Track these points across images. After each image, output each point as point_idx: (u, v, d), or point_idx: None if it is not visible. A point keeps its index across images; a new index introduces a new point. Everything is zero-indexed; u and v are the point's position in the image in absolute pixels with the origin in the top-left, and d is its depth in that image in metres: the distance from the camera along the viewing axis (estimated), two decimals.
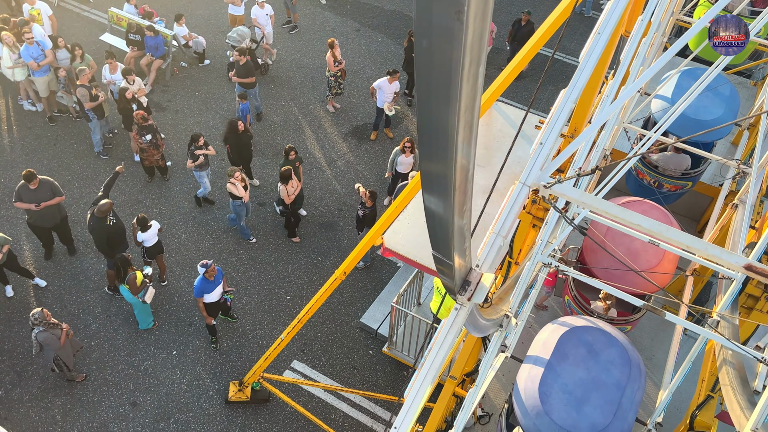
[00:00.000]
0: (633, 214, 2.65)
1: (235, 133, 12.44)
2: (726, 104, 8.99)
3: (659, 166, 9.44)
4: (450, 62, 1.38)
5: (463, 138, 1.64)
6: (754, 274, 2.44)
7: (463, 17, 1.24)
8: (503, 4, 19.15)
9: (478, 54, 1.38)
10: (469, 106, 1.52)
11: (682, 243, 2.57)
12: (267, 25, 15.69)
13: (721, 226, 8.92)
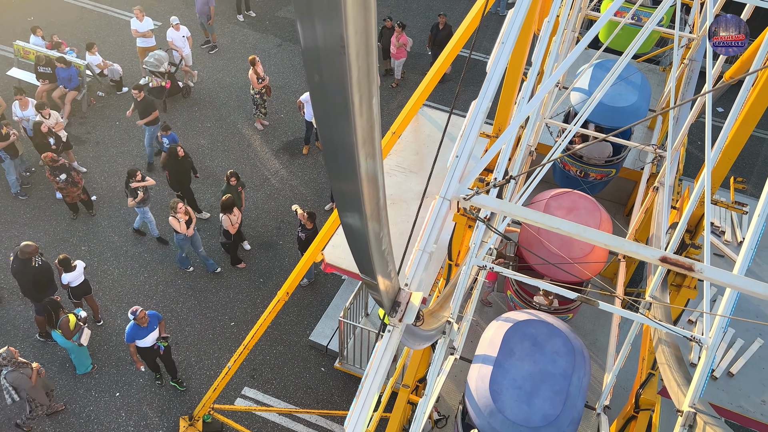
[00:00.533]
0: (551, 218, 2.70)
1: (175, 159, 12.10)
2: (639, 91, 9.37)
3: (583, 156, 9.74)
4: (347, 96, 1.35)
5: (368, 185, 1.63)
6: (669, 265, 2.52)
7: (344, 51, 1.21)
8: (421, 10, 19.42)
9: (365, 87, 1.36)
10: (368, 138, 1.49)
11: (600, 242, 2.64)
12: (185, 47, 15.33)
13: (645, 208, 9.30)
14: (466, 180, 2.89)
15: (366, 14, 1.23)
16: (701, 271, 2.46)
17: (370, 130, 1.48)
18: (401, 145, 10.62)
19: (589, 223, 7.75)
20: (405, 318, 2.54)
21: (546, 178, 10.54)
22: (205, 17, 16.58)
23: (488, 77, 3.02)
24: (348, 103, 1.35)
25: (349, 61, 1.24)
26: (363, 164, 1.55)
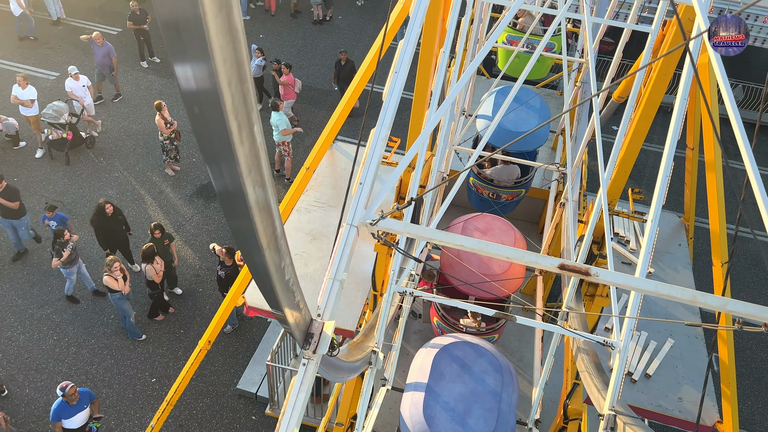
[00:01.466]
0: (454, 237, 2.78)
1: (103, 217, 11.51)
2: (539, 114, 9.84)
3: (494, 179, 10.08)
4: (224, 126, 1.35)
5: (260, 215, 1.62)
6: (567, 272, 2.65)
7: (215, 80, 1.21)
8: (328, 49, 19.76)
9: (243, 116, 1.36)
10: (253, 166, 1.49)
11: (502, 255, 2.74)
12: (86, 97, 14.79)
13: (554, 224, 9.72)
14: (372, 206, 2.93)
15: (234, 44, 1.24)
16: (597, 274, 2.60)
17: (254, 159, 1.48)
18: (318, 180, 10.62)
19: (505, 242, 8.01)
20: (319, 349, 2.51)
21: (463, 203, 10.87)
22: (107, 69, 16.03)
23: (384, 106, 3.10)
24: (227, 132, 1.34)
25: (221, 90, 1.24)
26: (252, 193, 1.54)
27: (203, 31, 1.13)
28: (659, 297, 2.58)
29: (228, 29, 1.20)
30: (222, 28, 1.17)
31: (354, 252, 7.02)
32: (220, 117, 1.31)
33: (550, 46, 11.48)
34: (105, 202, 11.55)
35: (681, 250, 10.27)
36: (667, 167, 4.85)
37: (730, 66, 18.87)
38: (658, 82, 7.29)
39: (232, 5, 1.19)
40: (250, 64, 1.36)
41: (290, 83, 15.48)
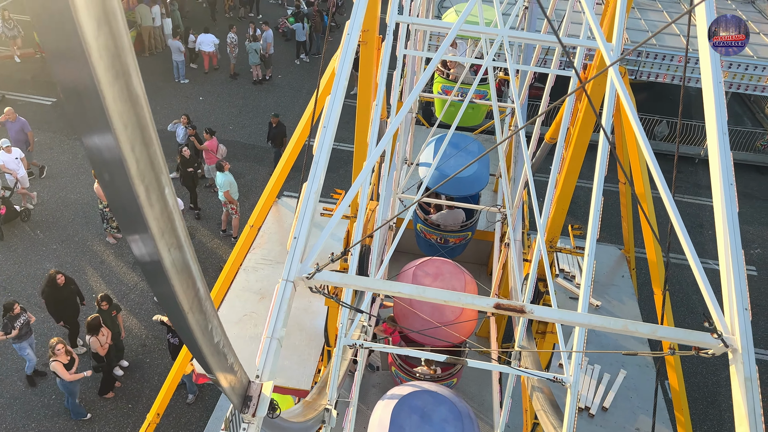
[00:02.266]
0: (392, 284, 2.79)
1: (54, 288, 11.04)
2: (478, 160, 10.12)
3: (440, 224, 10.23)
4: (131, 191, 1.34)
5: (179, 277, 1.60)
6: (503, 311, 2.69)
7: (117, 146, 1.21)
8: (269, 107, 19.94)
9: (151, 179, 1.36)
10: (166, 228, 1.48)
11: (438, 299, 2.76)
12: (19, 170, 14.36)
13: (501, 264, 9.88)
14: (308, 259, 2.92)
15: (135, 109, 1.24)
16: (531, 311, 2.64)
17: (167, 221, 1.47)
18: (264, 237, 10.53)
19: (455, 285, 8.08)
20: (258, 411, 2.43)
21: (413, 250, 10.95)
22: (23, 145, 15.18)
23: (315, 160, 3.14)
24: (134, 196, 1.33)
25: (124, 155, 1.24)
26: (167, 256, 1.52)
27: (99, 98, 1.13)
28: (595, 329, 2.64)
29: (127, 96, 1.20)
30: (120, 95, 1.18)
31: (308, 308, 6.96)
32: (126, 182, 1.31)
33: (483, 94, 11.92)
34: (56, 272, 11.15)
35: (625, 281, 10.58)
36: (597, 203, 5.03)
37: (654, 102, 19.99)
38: (585, 123, 7.66)
39: (130, 73, 1.21)
40: (154, 127, 1.36)
41: (212, 149, 15.39)
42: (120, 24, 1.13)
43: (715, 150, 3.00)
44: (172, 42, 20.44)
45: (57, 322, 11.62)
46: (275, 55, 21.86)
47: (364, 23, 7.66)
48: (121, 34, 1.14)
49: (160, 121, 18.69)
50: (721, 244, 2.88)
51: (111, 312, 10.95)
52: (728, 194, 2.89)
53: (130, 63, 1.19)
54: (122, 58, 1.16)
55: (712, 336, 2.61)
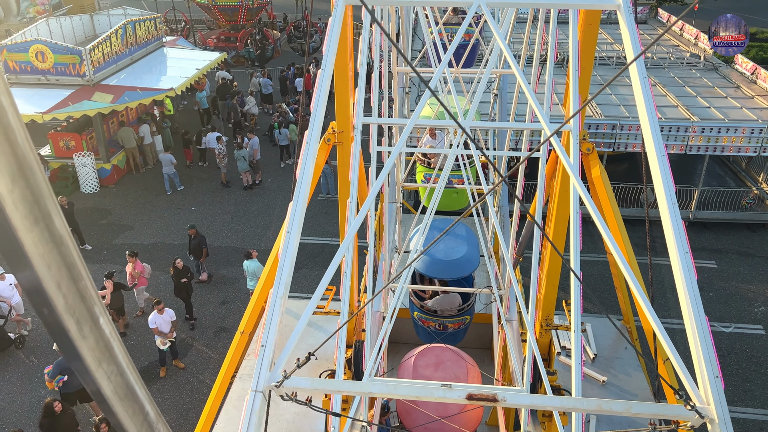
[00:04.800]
0: (360, 384, 2.78)
1: (52, 417, 10.76)
2: (466, 242, 10.22)
3: (437, 310, 10.17)
4: (61, 325, 1.39)
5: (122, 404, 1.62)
6: (477, 401, 2.66)
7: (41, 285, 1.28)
8: (261, 211, 20.30)
9: (82, 312, 1.41)
10: (104, 357, 1.51)
11: (410, 395, 2.74)
12: (13, 296, 14.38)
13: (501, 346, 9.74)
14: (277, 367, 2.91)
15: (60, 249, 1.32)
16: (504, 399, 2.62)
17: (103, 350, 1.51)
18: (258, 343, 10.40)
19: (458, 373, 7.92)
20: None
21: (413, 340, 10.80)
22: None
23: (279, 265, 3.21)
24: (64, 331, 1.38)
25: (49, 294, 1.30)
26: (107, 384, 1.55)
27: (18, 245, 1.21)
28: (569, 411, 2.61)
29: (48, 238, 1.28)
30: (41, 239, 1.26)
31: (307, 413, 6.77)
32: (57, 317, 1.36)
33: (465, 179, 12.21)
34: (52, 400, 10.89)
35: (628, 353, 10.39)
36: (576, 279, 5.06)
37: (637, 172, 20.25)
38: (561, 199, 7.83)
39: (51, 216, 1.29)
40: (83, 262, 1.43)
41: (139, 270, 15.11)
42: (37, 173, 1.23)
43: (668, 220, 3.08)
44: (164, 156, 21.12)
45: None
46: (264, 160, 22.51)
47: (338, 125, 8.01)
48: (38, 182, 1.23)
49: (153, 234, 18.95)
50: (685, 314, 2.90)
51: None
52: (685, 263, 2.94)
53: (51, 207, 1.28)
54: (41, 204, 1.25)
55: (686, 408, 2.58)
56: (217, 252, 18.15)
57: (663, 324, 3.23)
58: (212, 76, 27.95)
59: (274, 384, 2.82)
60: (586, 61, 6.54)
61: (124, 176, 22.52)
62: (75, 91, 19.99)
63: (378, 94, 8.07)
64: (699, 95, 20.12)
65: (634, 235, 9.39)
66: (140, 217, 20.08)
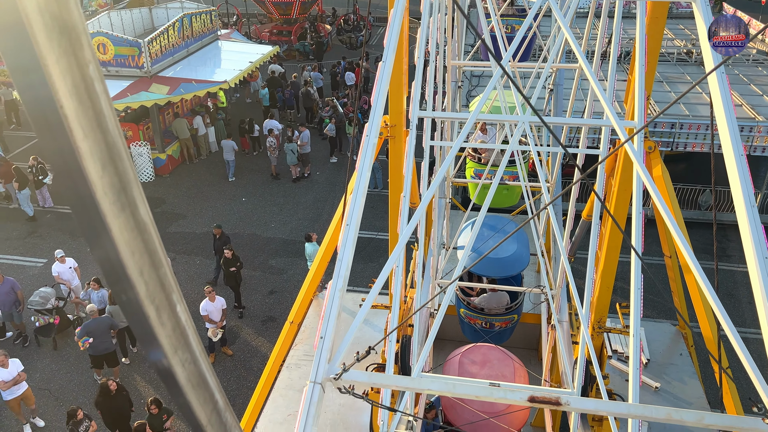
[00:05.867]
0: (416, 380, 2.74)
1: (108, 396, 11.21)
2: (516, 240, 10.06)
3: (484, 308, 10.07)
4: (141, 312, 1.40)
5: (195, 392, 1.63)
6: (538, 404, 2.59)
7: (125, 272, 1.29)
8: (309, 203, 20.51)
9: (162, 299, 1.42)
10: (179, 345, 1.52)
11: (468, 394, 2.69)
12: (73, 279, 14.95)
13: (550, 348, 9.55)
14: (335, 359, 2.91)
15: (143, 236, 1.33)
16: (568, 403, 2.54)
17: (180, 338, 1.51)
18: (306, 333, 10.52)
19: (504, 373, 7.82)
20: None
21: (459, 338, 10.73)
22: (12, 306, 14.24)
23: (339, 258, 3.20)
24: (144, 318, 1.39)
25: (132, 280, 1.31)
26: (181, 372, 1.55)
27: (106, 230, 1.22)
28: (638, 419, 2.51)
29: (134, 225, 1.29)
30: (126, 225, 1.26)
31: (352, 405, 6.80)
32: (138, 304, 1.37)
33: (516, 175, 12.03)
34: (107, 380, 11.31)
35: (684, 359, 10.04)
36: (637, 280, 4.90)
37: (696, 172, 19.55)
38: (619, 198, 7.60)
39: (137, 204, 1.30)
40: (163, 250, 1.44)
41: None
42: (125, 161, 1.23)
43: (746, 223, 2.93)
44: (226, 142, 21.65)
45: (111, 430, 11.66)
46: (313, 153, 22.70)
47: (390, 119, 7.98)
48: (126, 170, 1.24)
49: (205, 223, 19.38)
50: (764, 324, 2.75)
51: (161, 416, 10.94)
52: (764, 267, 2.79)
53: (137, 195, 1.28)
54: (128, 191, 1.25)
55: (765, 421, 2.44)
56: (265, 243, 18.44)
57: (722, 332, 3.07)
58: (265, 69, 28.33)
59: (333, 376, 2.82)
60: (652, 55, 6.30)
61: (178, 166, 23.10)
62: (133, 83, 20.59)
63: (432, 87, 8.00)
64: (765, 94, 19.24)
65: (692, 238, 9.06)
66: (193, 206, 20.57)
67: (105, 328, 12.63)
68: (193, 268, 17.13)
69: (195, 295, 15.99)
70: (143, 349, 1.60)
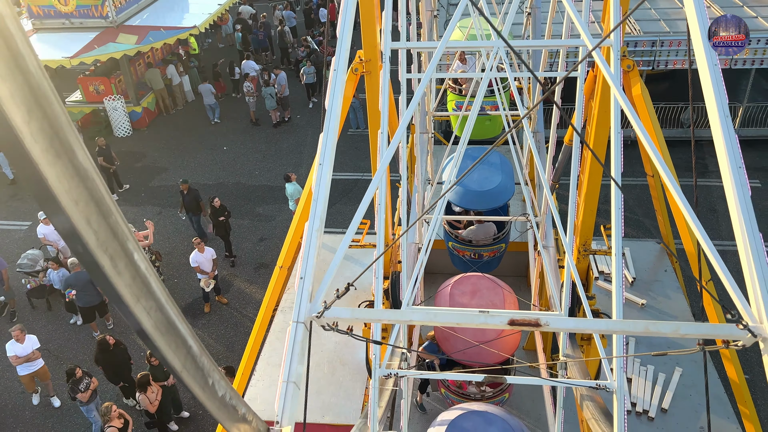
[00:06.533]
0: (397, 313, 2.77)
1: (107, 352, 11.34)
2: (501, 171, 10.03)
3: (472, 239, 10.14)
4: (94, 262, 1.37)
5: (163, 338, 1.62)
6: (518, 326, 2.63)
7: (70, 223, 1.24)
8: (291, 148, 20.27)
9: (115, 248, 1.38)
10: (142, 293, 1.50)
11: (449, 322, 2.72)
12: (60, 240, 14.86)
13: (538, 273, 9.71)
14: (317, 299, 2.92)
15: (85, 183, 1.27)
16: (547, 323, 2.58)
17: (140, 286, 1.49)
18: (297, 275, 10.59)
19: (494, 300, 7.95)
20: None
21: (449, 270, 10.86)
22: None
23: (314, 197, 3.16)
24: (98, 268, 1.36)
25: (79, 230, 1.27)
26: (147, 320, 1.54)
27: (42, 180, 1.16)
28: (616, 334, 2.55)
29: (73, 172, 1.23)
30: (64, 173, 1.21)
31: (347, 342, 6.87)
32: (90, 254, 1.33)
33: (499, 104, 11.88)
34: (104, 336, 11.42)
35: (668, 276, 10.25)
36: (617, 200, 4.91)
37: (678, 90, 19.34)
38: (600, 120, 7.53)
39: (74, 149, 1.24)
40: (111, 198, 1.39)
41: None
42: (54, 105, 1.17)
43: (719, 134, 2.90)
44: (203, 86, 21.18)
45: (117, 385, 11.86)
46: (292, 96, 22.26)
47: (365, 53, 7.76)
48: (56, 114, 1.17)
49: (188, 175, 19.17)
50: (738, 232, 2.77)
51: (162, 367, 11.14)
52: (738, 178, 2.78)
53: (72, 140, 1.22)
54: (61, 137, 1.19)
55: (739, 327, 2.50)
56: (251, 191, 18.33)
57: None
58: (234, 11, 27.37)
59: (314, 315, 2.83)
60: None
61: (156, 118, 22.63)
62: (99, 34, 19.86)
63: (406, 18, 7.75)
64: (746, 4, 18.90)
65: (675, 156, 9.07)
66: (174, 158, 20.29)
67: (85, 280, 12.67)
68: (180, 221, 17.06)
69: (184, 247, 16.00)
70: (109, 300, 1.57)
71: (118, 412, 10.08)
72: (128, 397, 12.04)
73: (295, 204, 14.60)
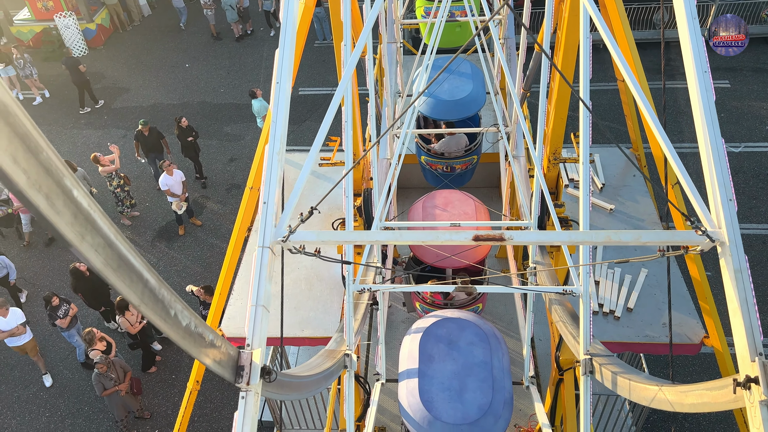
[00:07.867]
0: (362, 234, 2.76)
1: (82, 279, 11.32)
2: (472, 80, 9.84)
3: (444, 152, 10.09)
4: (30, 203, 1.30)
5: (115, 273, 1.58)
6: (483, 242, 2.65)
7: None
8: (256, 63, 19.55)
9: (50, 186, 1.31)
10: (85, 230, 1.44)
11: (416, 240, 2.72)
12: None
13: (509, 183, 9.77)
14: (281, 222, 2.89)
15: (7, 119, 1.18)
16: (511, 237, 2.60)
17: (85, 223, 1.43)
18: None
19: (466, 211, 8.04)
20: (251, 380, 2.47)
21: (423, 185, 10.86)
22: None
23: (273, 118, 3.05)
24: (35, 209, 1.29)
25: (5, 171, 1.19)
26: (95, 258, 1.49)
27: None
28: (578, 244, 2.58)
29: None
30: None
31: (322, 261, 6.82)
32: (23, 195, 1.26)
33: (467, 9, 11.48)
34: (76, 264, 11.36)
35: (637, 180, 10.40)
36: (585, 117, 4.86)
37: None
38: (570, 25, 7.33)
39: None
40: (40, 133, 1.30)
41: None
42: None
43: (686, 36, 2.82)
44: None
45: (98, 310, 11.94)
46: (253, 7, 21.26)
47: None
48: None
49: (151, 95, 18.51)
50: (700, 136, 2.76)
51: None
52: (703, 82, 2.74)
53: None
54: None
55: (697, 233, 2.55)
56: (217, 110, 17.84)
57: (675, 148, 3.10)
58: None
59: (280, 239, 2.81)
60: None
61: (111, 36, 21.53)
62: None
63: None
64: None
65: (646, 59, 8.96)
66: (135, 78, 19.50)
67: None
68: None
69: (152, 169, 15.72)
70: (54, 238, 1.51)
71: (100, 335, 10.23)
72: (109, 320, 12.18)
73: (263, 121, 14.28)
